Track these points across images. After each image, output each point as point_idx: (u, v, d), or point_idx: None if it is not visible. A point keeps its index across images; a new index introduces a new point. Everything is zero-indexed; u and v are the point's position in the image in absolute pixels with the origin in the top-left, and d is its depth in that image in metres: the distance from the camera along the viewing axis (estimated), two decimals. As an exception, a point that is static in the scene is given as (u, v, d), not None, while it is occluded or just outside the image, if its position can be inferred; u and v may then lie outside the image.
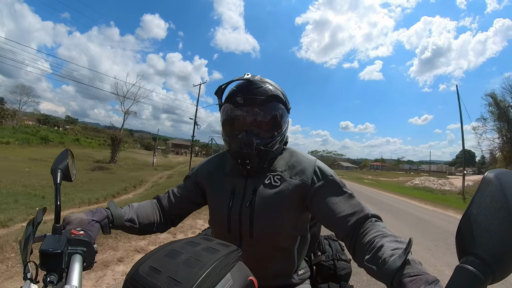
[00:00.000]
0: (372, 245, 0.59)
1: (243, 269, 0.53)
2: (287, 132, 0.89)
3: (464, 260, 0.34)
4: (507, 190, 0.35)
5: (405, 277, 0.44)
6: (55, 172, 0.66)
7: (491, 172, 0.37)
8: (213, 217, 0.89)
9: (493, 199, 0.35)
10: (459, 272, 0.34)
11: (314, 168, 0.81)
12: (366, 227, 0.67)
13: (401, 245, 0.54)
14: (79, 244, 0.58)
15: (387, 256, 0.52)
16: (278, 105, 0.82)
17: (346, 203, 0.74)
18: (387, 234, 0.60)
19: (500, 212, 0.34)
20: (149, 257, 0.52)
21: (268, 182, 0.81)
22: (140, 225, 0.84)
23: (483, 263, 0.33)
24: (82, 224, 0.67)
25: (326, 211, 0.75)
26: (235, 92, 0.83)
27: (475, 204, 0.36)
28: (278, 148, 0.85)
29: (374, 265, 0.54)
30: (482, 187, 0.36)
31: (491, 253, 0.33)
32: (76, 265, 0.54)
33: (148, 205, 0.90)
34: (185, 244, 0.55)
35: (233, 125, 0.83)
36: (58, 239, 0.55)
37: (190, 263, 0.48)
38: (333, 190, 0.77)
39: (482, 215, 0.35)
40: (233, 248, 0.56)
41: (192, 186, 0.95)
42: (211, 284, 0.45)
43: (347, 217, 0.71)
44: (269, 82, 0.83)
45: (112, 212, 0.77)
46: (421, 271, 0.44)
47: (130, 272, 0.50)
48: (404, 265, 0.46)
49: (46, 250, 0.52)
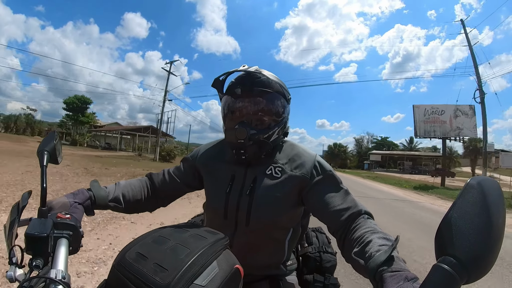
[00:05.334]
0: (361, 239, 0.61)
1: (229, 257, 0.53)
2: (288, 122, 0.89)
3: (442, 260, 0.35)
4: (488, 197, 0.36)
5: (386, 272, 0.45)
6: (41, 154, 0.64)
7: (474, 179, 0.38)
8: (209, 203, 0.89)
9: (474, 205, 0.36)
10: (436, 271, 0.35)
11: (314, 163, 0.82)
12: (358, 223, 0.69)
13: (389, 242, 0.56)
14: (65, 228, 0.57)
15: (374, 251, 0.53)
16: (276, 95, 0.82)
17: (341, 198, 0.76)
18: (377, 230, 0.62)
19: (479, 217, 0.35)
20: (136, 243, 0.52)
21: (269, 173, 0.82)
22: (126, 204, 0.83)
23: (459, 264, 0.34)
24: (65, 207, 0.66)
25: (321, 204, 0.77)
26: (234, 84, 0.83)
27: (456, 208, 0.37)
28: (277, 139, 0.85)
29: (361, 259, 0.56)
30: (464, 192, 0.37)
31: (468, 255, 0.34)
32: (62, 249, 0.53)
33: (137, 183, 0.90)
34: (173, 230, 0.55)
35: (231, 116, 0.83)
36: (44, 223, 0.54)
37: (177, 250, 0.48)
38: (331, 185, 0.79)
39: (462, 219, 0.36)
40: (221, 236, 0.56)
41: (189, 169, 0.95)
42: (197, 272, 0.45)
43: (341, 211, 0.73)
44: (267, 72, 0.83)
45: (94, 193, 0.75)
46: (402, 268, 0.46)
47: (117, 258, 0.50)
48: (388, 260, 0.47)
49: (31, 234, 0.51)
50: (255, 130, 0.79)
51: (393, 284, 0.43)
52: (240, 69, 0.82)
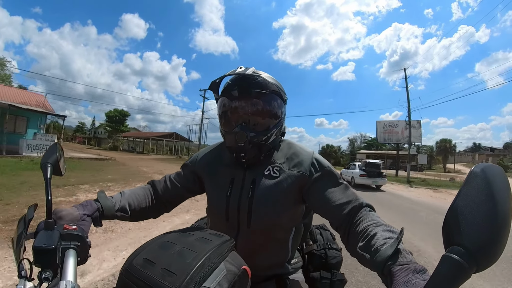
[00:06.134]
0: (365, 233, 0.60)
1: (236, 258, 0.54)
2: (284, 122, 0.89)
3: (450, 250, 0.35)
4: (493, 184, 0.36)
5: (395, 265, 0.45)
6: (44, 167, 0.64)
7: (477, 166, 0.37)
8: (211, 206, 0.89)
9: (479, 192, 0.36)
10: (445, 261, 0.35)
11: (312, 160, 0.82)
12: (360, 216, 0.68)
13: (394, 234, 0.56)
14: (72, 239, 0.57)
15: (379, 244, 0.53)
16: (273, 96, 0.82)
17: (341, 193, 0.76)
18: (380, 223, 0.62)
19: (485, 204, 0.35)
20: (143, 249, 0.52)
21: (268, 173, 0.82)
22: (132, 213, 0.83)
23: (468, 253, 0.34)
24: (74, 219, 0.66)
25: (323, 200, 0.77)
26: (230, 86, 0.83)
27: (461, 196, 0.36)
28: (275, 140, 0.85)
29: (367, 253, 0.55)
30: (469, 180, 0.37)
31: (476, 244, 0.34)
32: (70, 260, 0.53)
33: (140, 191, 0.90)
34: (179, 235, 0.56)
35: (229, 118, 0.83)
36: (51, 235, 0.54)
37: (183, 254, 0.48)
38: (330, 181, 0.79)
39: (468, 207, 0.35)
40: (226, 238, 0.56)
41: (190, 174, 0.96)
42: (205, 274, 0.45)
43: (342, 206, 0.73)
44: (264, 74, 0.83)
45: (102, 204, 0.76)
46: (410, 260, 0.46)
47: (124, 265, 0.50)
48: (395, 254, 0.47)
49: (39, 247, 0.51)
50: (254, 133, 0.79)
51: (402, 277, 0.42)
52: (237, 71, 0.81)
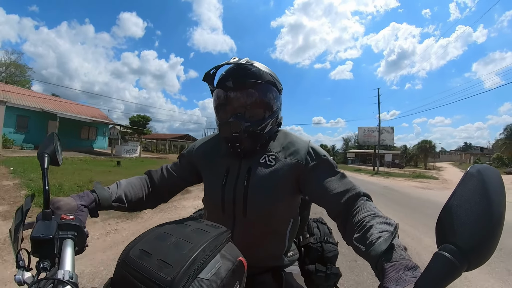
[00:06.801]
0: (362, 224, 0.61)
1: (232, 250, 0.54)
2: (280, 112, 0.89)
3: (443, 248, 0.36)
4: (488, 185, 0.36)
5: (387, 261, 0.46)
6: (41, 157, 0.63)
7: (473, 167, 0.38)
8: (207, 196, 0.89)
9: (474, 193, 0.36)
10: (437, 259, 0.35)
11: (308, 149, 0.82)
12: (357, 205, 0.69)
13: (390, 227, 0.56)
14: (70, 229, 0.57)
15: (374, 238, 0.53)
16: (268, 86, 0.81)
17: (338, 181, 0.76)
18: (377, 214, 0.62)
19: (479, 205, 0.35)
20: (139, 240, 0.52)
21: (263, 161, 0.82)
22: (129, 203, 0.84)
23: (460, 251, 0.34)
24: (72, 210, 0.67)
25: (319, 189, 0.76)
26: (225, 77, 0.82)
27: (456, 196, 0.37)
28: (271, 130, 0.85)
29: (362, 245, 0.56)
30: (465, 180, 0.37)
31: (468, 243, 0.34)
32: (68, 249, 0.53)
33: (137, 181, 0.90)
34: (175, 226, 0.56)
35: (224, 109, 0.83)
36: (48, 225, 0.54)
37: (180, 245, 0.49)
38: (326, 169, 0.79)
39: (463, 207, 0.36)
40: (223, 230, 0.57)
41: (187, 164, 0.96)
42: (201, 266, 0.46)
43: (339, 195, 0.73)
44: (258, 64, 0.82)
45: (98, 195, 0.76)
46: (402, 257, 0.46)
47: (121, 256, 0.50)
48: (388, 249, 0.48)
49: (37, 237, 0.51)
50: (249, 122, 0.79)
51: (393, 273, 0.43)
52: (231, 61, 0.81)
